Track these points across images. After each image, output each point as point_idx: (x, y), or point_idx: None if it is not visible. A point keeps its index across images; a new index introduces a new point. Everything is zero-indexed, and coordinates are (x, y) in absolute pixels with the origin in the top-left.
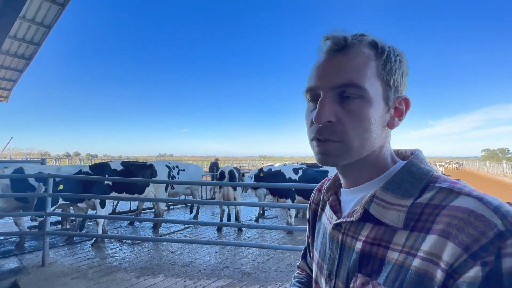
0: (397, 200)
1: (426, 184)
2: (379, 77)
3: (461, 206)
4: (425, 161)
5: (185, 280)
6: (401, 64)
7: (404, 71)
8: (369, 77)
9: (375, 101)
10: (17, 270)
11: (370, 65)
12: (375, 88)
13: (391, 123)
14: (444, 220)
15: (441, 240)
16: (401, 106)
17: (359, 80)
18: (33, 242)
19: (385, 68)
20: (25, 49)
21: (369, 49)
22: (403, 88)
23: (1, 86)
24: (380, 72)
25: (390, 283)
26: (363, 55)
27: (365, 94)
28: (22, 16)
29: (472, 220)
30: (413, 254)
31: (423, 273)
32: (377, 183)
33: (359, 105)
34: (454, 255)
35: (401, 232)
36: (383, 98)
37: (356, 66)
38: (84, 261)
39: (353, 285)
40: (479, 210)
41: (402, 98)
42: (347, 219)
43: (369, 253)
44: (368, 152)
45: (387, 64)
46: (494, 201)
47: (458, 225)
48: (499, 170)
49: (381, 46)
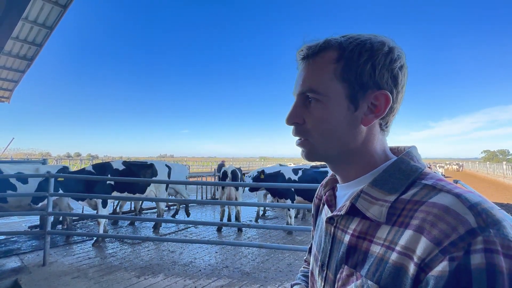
0: (382, 195)
1: (413, 180)
2: (338, 78)
3: (437, 202)
4: (417, 158)
5: (185, 280)
6: (372, 58)
7: (377, 64)
8: (326, 80)
9: (335, 101)
10: (18, 269)
11: (327, 69)
12: (332, 90)
13: (365, 119)
14: (420, 215)
15: (415, 235)
16: (377, 101)
17: (315, 85)
18: (34, 241)
19: (344, 68)
20: (27, 50)
21: (331, 53)
22: (379, 82)
23: (3, 86)
24: (340, 72)
25: (371, 275)
26: (322, 61)
27: (321, 97)
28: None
29: (445, 216)
30: (392, 248)
31: (399, 267)
32: (367, 179)
33: (317, 107)
34: (426, 250)
35: (384, 226)
36: (346, 98)
37: (314, 72)
38: (85, 261)
39: (340, 276)
40: (453, 207)
41: (375, 93)
42: (338, 213)
43: (355, 246)
44: (339, 149)
45: (347, 64)
46: (473, 199)
47: (432, 220)
48: (499, 171)
49: (343, 46)
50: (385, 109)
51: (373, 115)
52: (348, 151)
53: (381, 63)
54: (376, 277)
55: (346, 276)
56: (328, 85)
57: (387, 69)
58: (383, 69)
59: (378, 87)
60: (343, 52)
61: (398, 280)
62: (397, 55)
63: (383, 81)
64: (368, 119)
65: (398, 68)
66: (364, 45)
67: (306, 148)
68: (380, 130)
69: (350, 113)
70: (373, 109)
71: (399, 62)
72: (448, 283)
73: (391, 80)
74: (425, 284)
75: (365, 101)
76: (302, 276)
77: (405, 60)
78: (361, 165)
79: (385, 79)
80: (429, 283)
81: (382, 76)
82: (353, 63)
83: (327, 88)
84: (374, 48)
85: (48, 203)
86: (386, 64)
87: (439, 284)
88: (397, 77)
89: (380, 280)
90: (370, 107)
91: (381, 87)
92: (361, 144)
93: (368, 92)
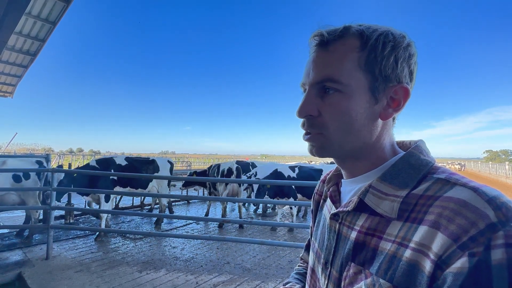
0: (393, 190)
1: (424, 175)
2: (362, 68)
3: (454, 196)
4: (426, 152)
5: (186, 275)
6: (394, 50)
7: (399, 57)
8: (349, 69)
9: (357, 93)
10: (21, 263)
11: (350, 58)
12: (355, 80)
13: (384, 114)
14: (436, 211)
15: (431, 231)
16: (396, 96)
17: (336, 74)
18: (37, 235)
19: (369, 58)
20: (30, 45)
21: (353, 41)
22: (400, 76)
23: (6, 81)
24: (363, 62)
25: (382, 273)
26: (343, 48)
27: (343, 87)
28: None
29: (463, 211)
30: (405, 245)
31: (414, 264)
32: (375, 174)
33: (337, 98)
34: (443, 246)
35: (395, 222)
36: (368, 89)
37: (335, 60)
38: (88, 255)
39: (346, 274)
40: (471, 201)
41: (396, 87)
42: (343, 208)
43: (363, 242)
44: (355, 144)
45: (371, 54)
46: (491, 192)
47: (449, 215)
48: (502, 171)
49: (367, 35)
50: (404, 104)
51: (392, 109)
52: (362, 146)
53: (402, 57)
54: (389, 275)
55: (353, 274)
56: (351, 75)
57: (407, 63)
58: (403, 62)
59: (399, 80)
60: (367, 41)
61: (412, 278)
62: (414, 50)
63: (403, 75)
64: (387, 114)
65: (414, 63)
66: (387, 36)
67: (319, 142)
68: (393, 125)
69: (370, 106)
70: (390, 103)
71: (415, 57)
72: (468, 280)
73: (408, 75)
74: (442, 282)
75: (385, 94)
76: (295, 274)
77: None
78: (371, 160)
79: (405, 73)
80: (447, 280)
81: (403, 70)
82: (378, 54)
83: (350, 78)
84: (396, 40)
85: (52, 198)
86: (406, 58)
87: (457, 281)
88: (413, 72)
89: (393, 279)
90: (389, 101)
91: (401, 81)
92: (376, 138)
93: (389, 86)
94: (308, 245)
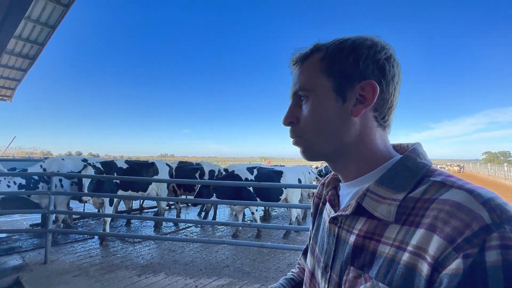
0: (390, 194)
1: (420, 178)
2: (324, 73)
3: (449, 199)
4: (423, 155)
5: (185, 279)
6: (354, 51)
7: (361, 55)
8: (313, 77)
9: (323, 96)
10: (19, 267)
11: (314, 67)
12: (320, 85)
13: (355, 111)
14: (432, 213)
15: (427, 233)
16: (364, 92)
17: (305, 83)
18: (35, 239)
19: (328, 63)
20: (29, 49)
21: (317, 55)
22: (364, 73)
23: (5, 85)
24: (325, 68)
25: (382, 276)
26: (310, 62)
27: (310, 93)
28: (27, 17)
29: (458, 213)
30: (403, 248)
31: (412, 267)
32: (372, 177)
33: (309, 103)
34: (439, 249)
35: (393, 226)
36: (333, 90)
37: (303, 73)
38: (86, 259)
39: (346, 278)
40: (466, 203)
41: (362, 84)
42: (342, 212)
43: (362, 246)
44: (334, 144)
45: (330, 59)
46: (486, 194)
47: (444, 218)
48: (500, 173)
49: (327, 46)
50: (373, 98)
51: (362, 105)
52: (343, 146)
53: (364, 55)
54: (388, 279)
55: (353, 278)
56: (315, 81)
57: (371, 60)
58: (367, 60)
59: (363, 77)
60: (327, 50)
61: (410, 281)
62: (381, 47)
63: (368, 72)
64: (358, 110)
65: (384, 59)
66: (346, 42)
67: (302, 146)
68: (377, 124)
69: (339, 106)
70: (362, 100)
71: (384, 53)
72: (463, 281)
73: (377, 71)
74: (439, 284)
75: (352, 92)
76: (283, 279)
77: (392, 52)
78: (362, 162)
79: (370, 70)
80: (443, 282)
81: (367, 66)
82: (336, 58)
83: (314, 84)
84: (356, 43)
85: (50, 202)
86: (370, 55)
87: (453, 283)
88: (384, 67)
89: (392, 282)
90: (359, 98)
91: (367, 78)
92: (357, 137)
93: (354, 83)
94: (306, 250)
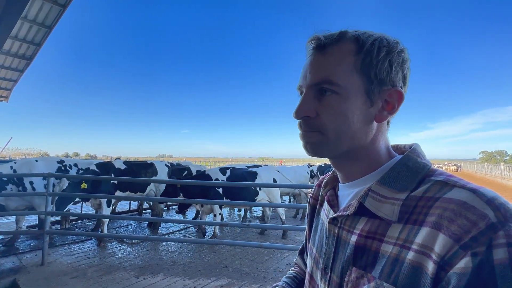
0: (392, 194)
1: (422, 177)
2: (358, 72)
3: (453, 198)
4: (422, 155)
5: (184, 280)
6: (389, 55)
7: (394, 62)
8: (345, 72)
9: (353, 95)
10: (16, 269)
11: (346, 61)
12: (352, 82)
13: (379, 116)
14: (436, 212)
15: (433, 232)
16: (391, 99)
17: (333, 76)
18: (32, 241)
19: (364, 62)
20: (26, 50)
21: (349, 45)
22: (394, 80)
23: (2, 86)
24: (359, 66)
25: (385, 276)
26: (340, 51)
27: (339, 89)
28: (23, 17)
29: (464, 212)
30: (407, 247)
31: (417, 266)
32: (373, 177)
33: (334, 100)
34: (446, 247)
35: (396, 225)
36: (364, 92)
37: (332, 63)
38: (84, 261)
39: (348, 279)
40: (471, 202)
41: (390, 90)
42: (343, 213)
43: (364, 246)
44: (350, 145)
45: (367, 57)
46: (489, 193)
47: (449, 216)
48: (497, 172)
49: (362, 39)
50: (398, 106)
51: (386, 112)
52: (357, 148)
53: (396, 62)
54: (392, 278)
55: (355, 278)
56: (347, 78)
57: (400, 68)
58: (397, 67)
59: (393, 84)
60: (363, 45)
61: (416, 280)
62: (407, 56)
63: (397, 79)
64: (382, 116)
65: (407, 68)
66: (382, 41)
67: (314, 139)
68: (387, 128)
69: (365, 108)
70: (385, 106)
71: (408, 63)
72: (472, 280)
73: (402, 80)
74: (446, 283)
75: (380, 97)
76: (286, 278)
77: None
78: (367, 163)
79: (399, 78)
80: (451, 281)
81: (397, 74)
82: (373, 58)
83: (346, 80)
84: (391, 45)
85: (47, 203)
86: (399, 63)
87: (462, 281)
88: (406, 77)
89: (397, 281)
90: (384, 104)
91: (395, 85)
92: (370, 141)
93: (383, 89)
94: (302, 250)
